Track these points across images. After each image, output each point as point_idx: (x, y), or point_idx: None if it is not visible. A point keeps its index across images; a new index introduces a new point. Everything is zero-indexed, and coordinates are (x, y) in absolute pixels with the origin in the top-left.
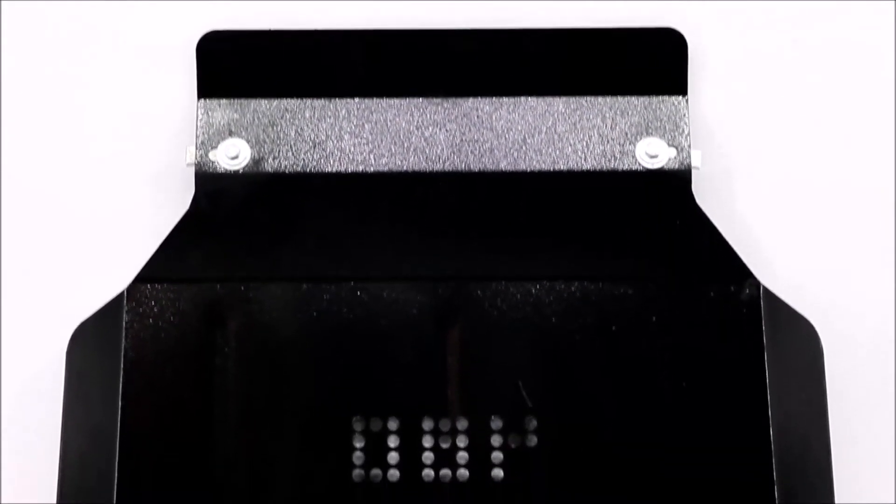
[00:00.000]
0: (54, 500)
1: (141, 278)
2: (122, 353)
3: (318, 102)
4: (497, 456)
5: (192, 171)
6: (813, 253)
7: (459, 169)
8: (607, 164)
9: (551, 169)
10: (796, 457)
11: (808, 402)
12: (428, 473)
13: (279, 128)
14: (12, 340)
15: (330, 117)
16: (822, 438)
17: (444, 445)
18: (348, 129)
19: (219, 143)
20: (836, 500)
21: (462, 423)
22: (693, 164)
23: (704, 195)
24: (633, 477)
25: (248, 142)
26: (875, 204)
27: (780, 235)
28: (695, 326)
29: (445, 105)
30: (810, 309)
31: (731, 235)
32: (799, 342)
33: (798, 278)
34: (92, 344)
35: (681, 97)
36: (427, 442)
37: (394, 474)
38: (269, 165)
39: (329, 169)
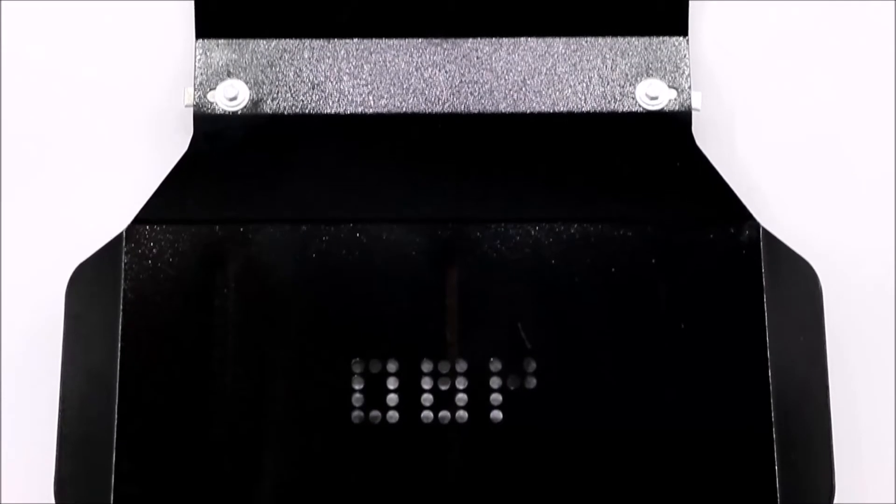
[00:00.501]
0: (55, 442)
1: (140, 219)
2: (121, 295)
3: (317, 43)
4: (496, 398)
5: (190, 113)
6: (813, 195)
7: (459, 110)
8: (607, 106)
9: (551, 110)
10: (794, 399)
11: (806, 344)
12: (427, 415)
13: (278, 69)
14: (12, 282)
15: (329, 58)
16: (821, 381)
17: (444, 387)
18: (347, 71)
19: (217, 84)
20: (835, 449)
21: (461, 365)
22: (693, 105)
23: (704, 137)
24: (632, 417)
25: (246, 83)
26: (876, 145)
27: (780, 177)
28: (694, 268)
29: (445, 46)
30: (810, 251)
31: (730, 177)
32: (798, 284)
33: (798, 220)
34: (91, 285)
35: (681, 38)
36: (426, 384)
37: (393, 416)
38: (268, 107)
39: (328, 110)
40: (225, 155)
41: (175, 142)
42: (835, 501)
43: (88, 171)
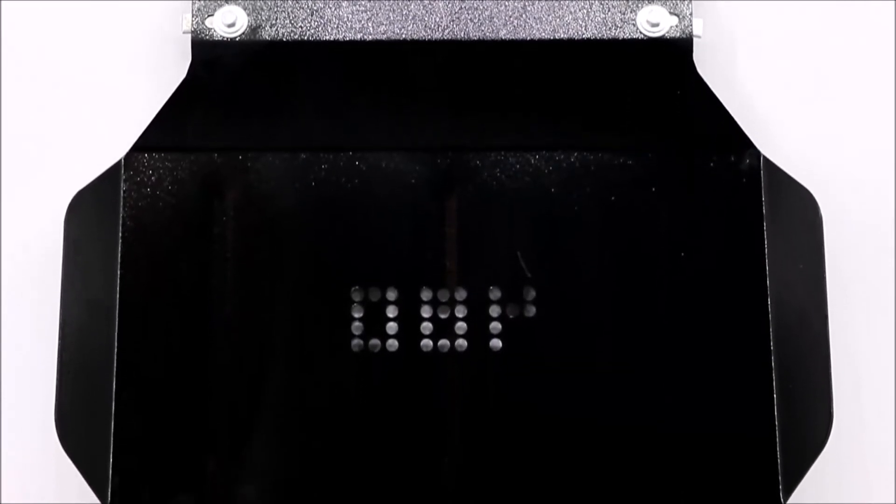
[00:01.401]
0: (55, 370)
1: (138, 147)
2: (120, 222)
3: None
4: (495, 326)
5: (188, 39)
6: (814, 123)
7: (458, 37)
8: (608, 33)
9: (551, 37)
10: (794, 328)
11: (806, 272)
12: (426, 344)
13: None
14: (11, 210)
15: None
16: (820, 309)
17: (443, 316)
18: None
19: (215, 10)
20: (833, 378)
21: (461, 294)
22: (694, 32)
23: (705, 64)
24: (631, 346)
25: (244, 9)
26: (877, 74)
27: (781, 105)
28: (694, 196)
29: None
30: (810, 179)
31: (731, 105)
32: (798, 212)
33: (798, 148)
34: (90, 213)
35: None
36: (426, 312)
37: (392, 344)
38: (267, 33)
39: (327, 37)
40: (223, 82)
41: (173, 69)
42: (833, 430)
43: (87, 99)
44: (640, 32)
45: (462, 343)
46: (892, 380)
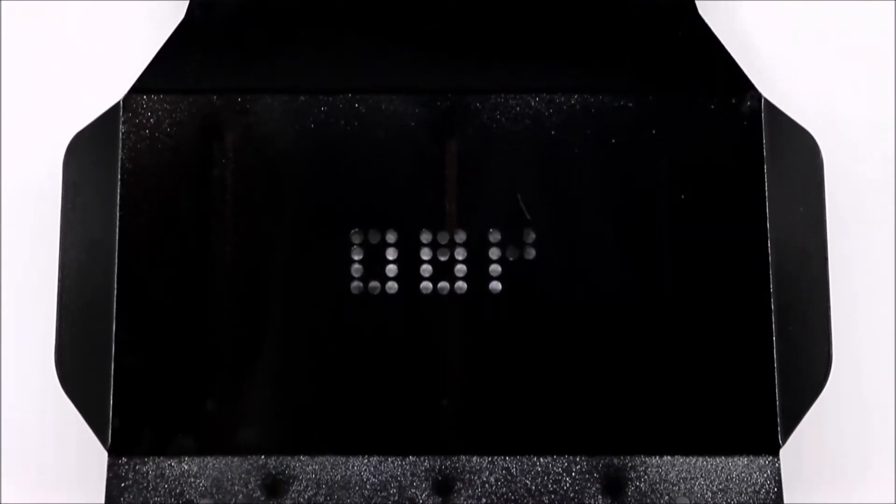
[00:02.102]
0: (55, 312)
1: (136, 89)
2: (119, 165)
3: None
4: (495, 269)
5: None
6: (816, 65)
7: None
8: None
9: None
10: (793, 270)
11: (806, 214)
12: (426, 286)
13: None
14: (9, 152)
15: None
16: (820, 251)
17: (443, 258)
18: None
19: None
20: (833, 320)
21: (460, 236)
22: None
23: (707, 5)
24: (630, 288)
25: None
26: (879, 15)
27: (783, 47)
28: (695, 139)
29: None
30: (812, 121)
31: (733, 47)
32: (799, 154)
33: (800, 90)
34: (88, 154)
35: None
36: (425, 254)
37: (392, 287)
38: None
39: None
40: (222, 23)
41: (172, 10)
42: (831, 372)
43: (85, 40)
44: None
45: (462, 285)
46: (891, 322)
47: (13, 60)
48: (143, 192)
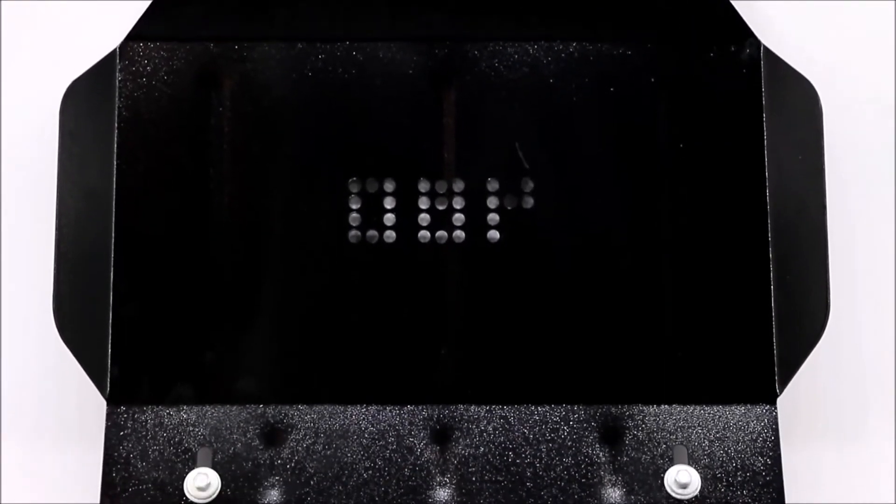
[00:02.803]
0: (53, 254)
1: (133, 36)
2: (116, 113)
3: None
4: (493, 217)
5: None
6: (816, 13)
7: None
8: None
9: None
10: (792, 218)
11: (805, 162)
12: (424, 235)
13: None
14: (5, 100)
15: None
16: (819, 199)
17: (441, 207)
18: None
19: None
20: (831, 269)
21: (458, 185)
22: None
23: None
24: (629, 236)
25: None
26: None
27: None
28: (694, 87)
29: None
30: (811, 69)
31: None
32: (799, 103)
33: (800, 38)
34: (85, 102)
35: None
36: (423, 203)
37: (390, 235)
38: None
39: None
40: None
41: None
42: (829, 322)
43: None
44: None
45: (460, 234)
46: (891, 272)
47: (10, 7)
48: (141, 140)
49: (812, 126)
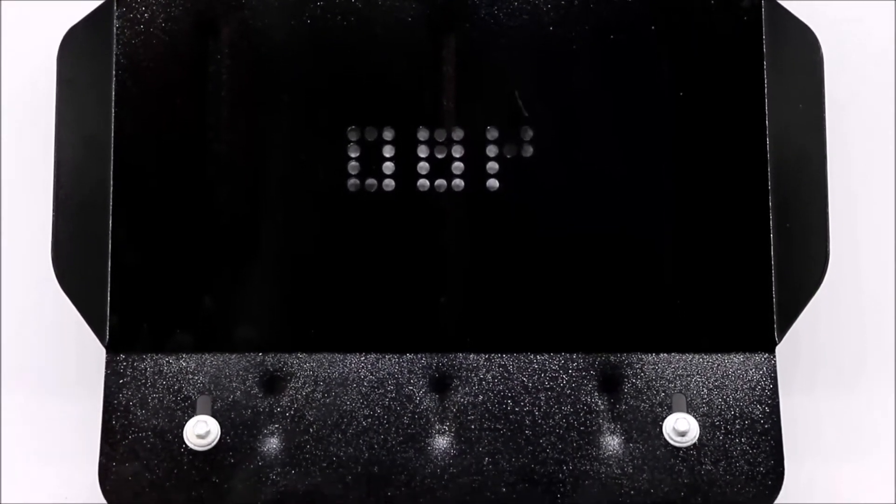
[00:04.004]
0: (51, 202)
1: None
2: (114, 60)
3: None
4: (492, 166)
5: None
6: None
7: None
8: None
9: None
10: (792, 167)
11: (806, 111)
12: (423, 183)
13: None
14: (5, 47)
15: None
16: (819, 149)
17: (440, 155)
18: None
19: None
20: (830, 217)
21: (458, 133)
22: None
23: None
24: (629, 184)
25: None
26: None
27: None
28: (694, 35)
29: None
30: (812, 17)
31: None
32: (800, 51)
33: None
34: (83, 49)
35: None
36: (422, 152)
37: (389, 184)
38: None
39: None
40: None
41: None
42: (828, 271)
43: None
44: None
45: (459, 183)
46: (891, 220)
47: None
48: (139, 87)
49: (813, 75)
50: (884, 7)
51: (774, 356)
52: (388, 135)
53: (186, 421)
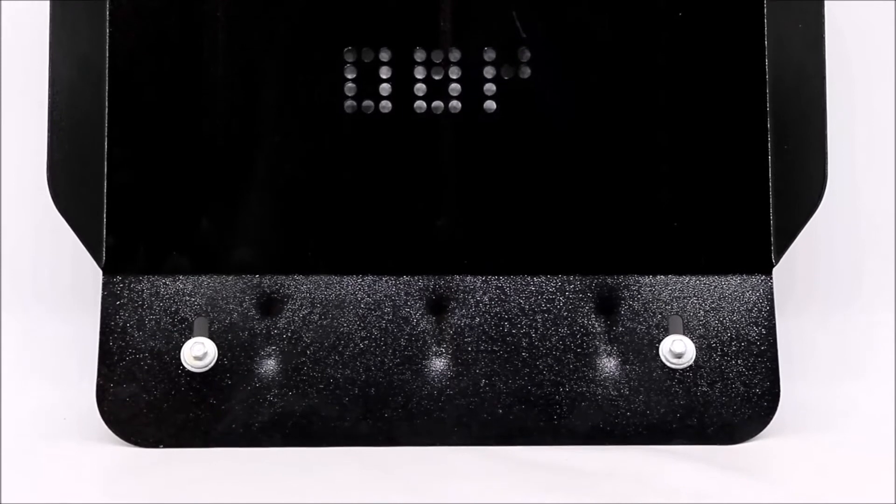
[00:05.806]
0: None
1: None
2: None
3: None
4: (489, 87)
5: None
6: None
7: None
8: None
9: None
10: (791, 88)
11: (805, 31)
12: (420, 105)
13: None
14: None
15: None
16: (818, 69)
17: (437, 77)
18: None
19: None
20: (829, 140)
21: (455, 55)
22: None
23: None
24: (627, 106)
25: None
26: None
27: None
28: None
29: None
30: None
31: None
32: None
33: None
34: None
35: None
36: (419, 73)
37: (385, 106)
38: None
39: None
40: None
41: None
42: (826, 191)
43: None
44: None
45: (456, 104)
46: (890, 142)
47: None
48: (133, 7)
49: None
50: None
51: (771, 278)
52: (384, 56)
53: (183, 342)
